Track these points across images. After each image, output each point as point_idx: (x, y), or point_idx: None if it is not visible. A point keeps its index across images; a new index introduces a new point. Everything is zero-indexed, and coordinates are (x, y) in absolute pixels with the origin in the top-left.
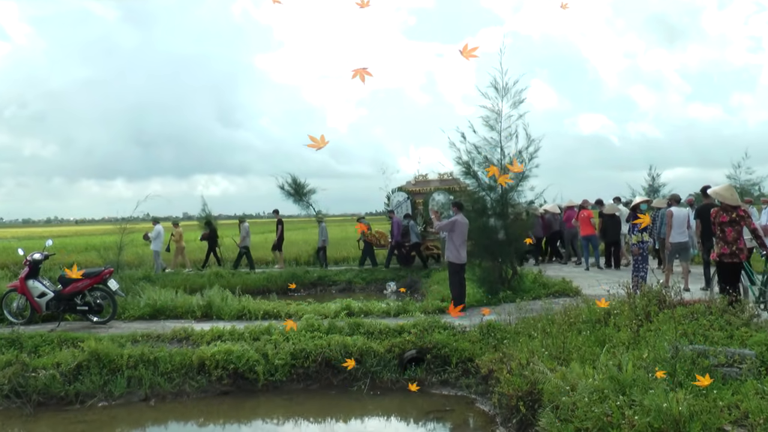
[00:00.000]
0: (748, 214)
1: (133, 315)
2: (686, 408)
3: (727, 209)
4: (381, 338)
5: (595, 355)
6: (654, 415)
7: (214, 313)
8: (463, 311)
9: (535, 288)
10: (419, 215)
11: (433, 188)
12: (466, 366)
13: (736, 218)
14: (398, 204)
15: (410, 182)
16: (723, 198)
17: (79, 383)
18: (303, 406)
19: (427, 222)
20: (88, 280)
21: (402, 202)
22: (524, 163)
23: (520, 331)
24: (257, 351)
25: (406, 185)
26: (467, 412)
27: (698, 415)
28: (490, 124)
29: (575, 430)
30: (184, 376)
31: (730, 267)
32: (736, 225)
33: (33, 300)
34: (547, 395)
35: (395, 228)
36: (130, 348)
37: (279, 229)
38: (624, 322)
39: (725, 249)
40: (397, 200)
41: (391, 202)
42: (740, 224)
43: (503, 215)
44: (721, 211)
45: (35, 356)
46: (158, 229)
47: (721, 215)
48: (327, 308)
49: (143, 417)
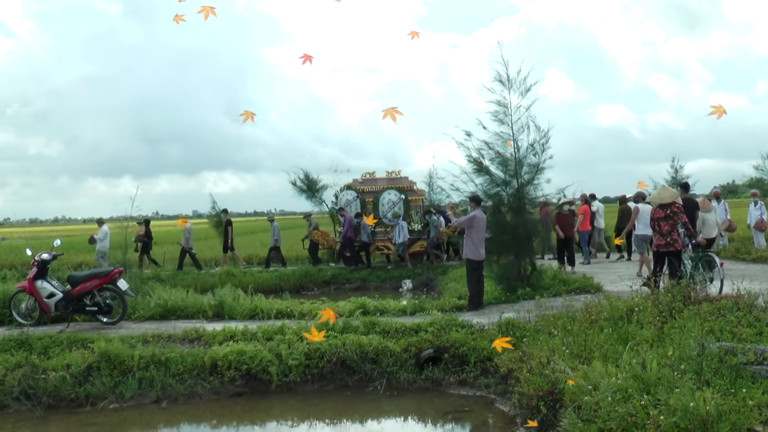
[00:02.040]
0: (681, 210)
1: (144, 315)
2: (714, 407)
3: (663, 206)
4: (397, 337)
5: (618, 354)
6: (680, 414)
7: (226, 312)
8: (482, 308)
9: (555, 285)
10: (368, 214)
11: (381, 186)
12: (484, 365)
13: (670, 213)
14: (347, 202)
15: (358, 180)
16: (661, 199)
17: (89, 385)
18: (318, 408)
19: (377, 221)
20: (98, 280)
21: (351, 201)
22: (537, 156)
23: (540, 329)
24: (270, 351)
25: (354, 183)
26: (486, 413)
27: (727, 414)
28: (499, 119)
29: (598, 431)
30: (196, 377)
31: (665, 255)
32: (670, 219)
33: (42, 301)
34: (569, 395)
35: (346, 225)
36: (140, 349)
37: (228, 231)
38: (647, 319)
39: (661, 240)
40: (346, 198)
41: (340, 201)
42: (674, 219)
43: (520, 210)
44: (658, 208)
45: (45, 358)
46: (104, 230)
47: (657, 212)
48: (341, 307)
49: (155, 419)
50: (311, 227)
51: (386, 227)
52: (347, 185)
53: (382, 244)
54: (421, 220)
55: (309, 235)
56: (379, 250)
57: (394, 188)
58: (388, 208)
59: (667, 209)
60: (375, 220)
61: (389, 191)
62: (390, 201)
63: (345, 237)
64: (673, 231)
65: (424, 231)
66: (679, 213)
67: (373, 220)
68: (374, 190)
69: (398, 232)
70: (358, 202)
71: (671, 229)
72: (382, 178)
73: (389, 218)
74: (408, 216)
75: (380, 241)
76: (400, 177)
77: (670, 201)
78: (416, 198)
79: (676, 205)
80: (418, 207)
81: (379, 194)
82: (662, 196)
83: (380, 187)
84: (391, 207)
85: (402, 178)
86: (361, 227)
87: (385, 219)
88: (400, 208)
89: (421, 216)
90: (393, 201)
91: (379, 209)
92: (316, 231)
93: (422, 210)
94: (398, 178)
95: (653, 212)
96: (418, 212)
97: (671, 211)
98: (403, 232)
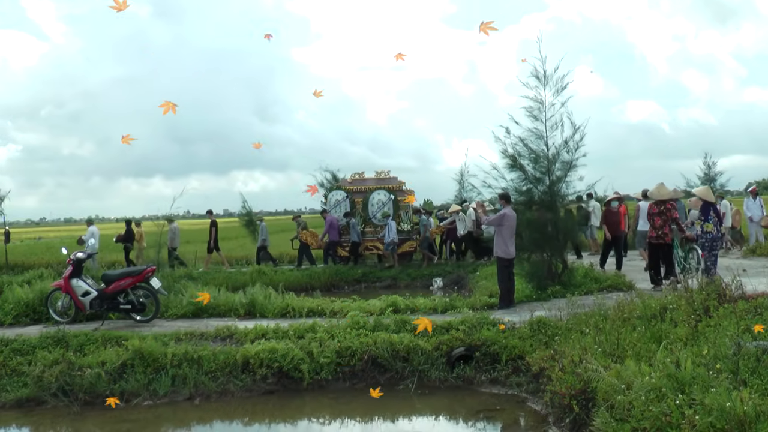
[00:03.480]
0: (674, 207)
1: (176, 313)
2: (752, 408)
3: (658, 203)
4: (428, 336)
5: (651, 352)
6: (716, 414)
7: (258, 311)
8: (513, 306)
9: (587, 282)
10: (358, 214)
11: (370, 187)
12: (516, 364)
13: (664, 210)
14: (336, 203)
15: (347, 180)
16: (659, 195)
17: (123, 382)
18: (349, 406)
19: (365, 221)
20: (131, 278)
21: (341, 201)
22: (571, 153)
23: (572, 327)
24: (302, 349)
25: (343, 183)
26: (518, 411)
27: (765, 415)
28: (533, 115)
29: (632, 430)
30: (229, 375)
31: (657, 247)
32: (664, 215)
33: (77, 299)
34: (602, 394)
35: (327, 227)
36: (173, 347)
37: (212, 231)
38: (681, 318)
39: (653, 233)
40: (335, 199)
41: (329, 201)
42: (667, 215)
43: (552, 207)
44: (653, 204)
45: (81, 355)
46: (91, 230)
47: (652, 207)
48: (372, 305)
49: (188, 416)
50: (300, 227)
51: (375, 227)
52: (337, 185)
53: (371, 244)
54: (410, 221)
55: (298, 235)
56: (369, 250)
57: (383, 188)
58: (377, 208)
59: (662, 206)
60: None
61: (379, 191)
62: (379, 201)
63: (330, 239)
64: (666, 226)
65: (413, 231)
66: (672, 210)
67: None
68: (363, 190)
69: (387, 232)
70: (347, 202)
71: (663, 224)
72: (372, 178)
73: (378, 218)
74: (397, 216)
75: (370, 241)
76: (390, 177)
77: (667, 198)
78: (405, 198)
79: (670, 203)
80: (407, 207)
81: (369, 194)
82: (660, 193)
83: (369, 188)
84: (381, 207)
85: (391, 179)
86: (351, 227)
87: (375, 219)
88: (390, 209)
89: (410, 216)
90: (382, 201)
91: (368, 209)
92: (305, 231)
93: (411, 210)
94: (387, 178)
95: (649, 207)
96: (407, 212)
97: (665, 208)
98: (392, 232)
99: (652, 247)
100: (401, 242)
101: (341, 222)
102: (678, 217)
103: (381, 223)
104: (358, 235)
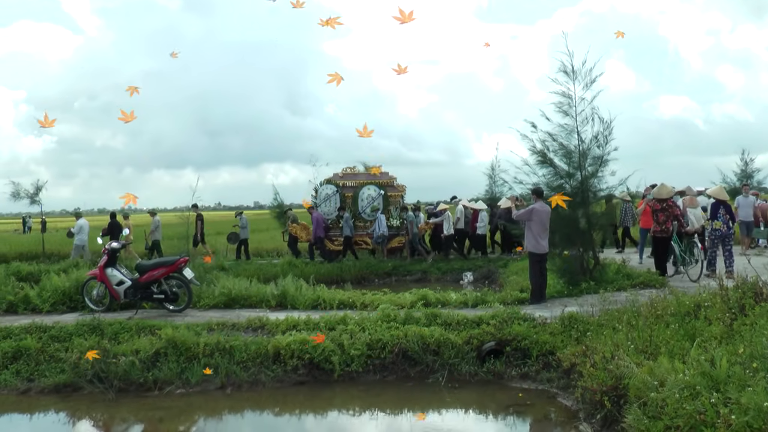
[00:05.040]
0: (675, 204)
1: (208, 304)
2: None
3: (660, 200)
4: (459, 329)
5: (685, 350)
6: (753, 414)
7: (289, 302)
8: (544, 302)
9: (619, 279)
10: (348, 208)
11: (361, 181)
12: (546, 359)
13: (666, 207)
14: (327, 197)
15: (338, 175)
16: (659, 194)
17: (157, 370)
18: (379, 398)
19: (355, 216)
20: (164, 268)
21: (331, 195)
22: (601, 147)
23: (604, 323)
24: (333, 341)
25: (334, 178)
26: (548, 407)
27: None
28: (563, 110)
29: (665, 428)
30: (260, 365)
31: (660, 240)
32: (666, 212)
33: (112, 288)
34: (634, 391)
35: (314, 223)
36: (205, 336)
37: (198, 225)
38: (716, 315)
39: (657, 228)
40: (325, 193)
41: (319, 195)
42: (669, 211)
43: (584, 203)
44: (656, 202)
45: (115, 343)
46: (80, 224)
47: (655, 204)
48: (403, 298)
49: (220, 405)
50: (290, 221)
51: (365, 222)
52: (327, 179)
53: (360, 239)
54: (399, 216)
55: (287, 228)
56: (357, 245)
57: (373, 183)
58: (367, 203)
59: (663, 203)
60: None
61: (369, 186)
62: (369, 196)
63: (314, 235)
64: (668, 221)
65: (402, 227)
66: (674, 207)
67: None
68: (354, 185)
69: (377, 226)
70: (337, 197)
71: (666, 219)
72: (362, 173)
73: (368, 213)
74: (387, 211)
75: (359, 236)
76: (380, 172)
77: (667, 197)
78: (396, 194)
79: (671, 200)
80: (398, 203)
81: (359, 189)
82: (661, 192)
83: (360, 182)
84: (371, 202)
85: (382, 174)
86: (344, 221)
87: (364, 214)
88: (380, 203)
89: (399, 212)
90: (372, 196)
91: (358, 204)
92: (295, 224)
93: (400, 206)
94: (378, 173)
95: (653, 204)
96: (397, 208)
97: (667, 205)
98: (383, 226)
99: (656, 240)
100: (390, 237)
101: (331, 216)
102: (679, 213)
103: (370, 218)
104: (351, 230)
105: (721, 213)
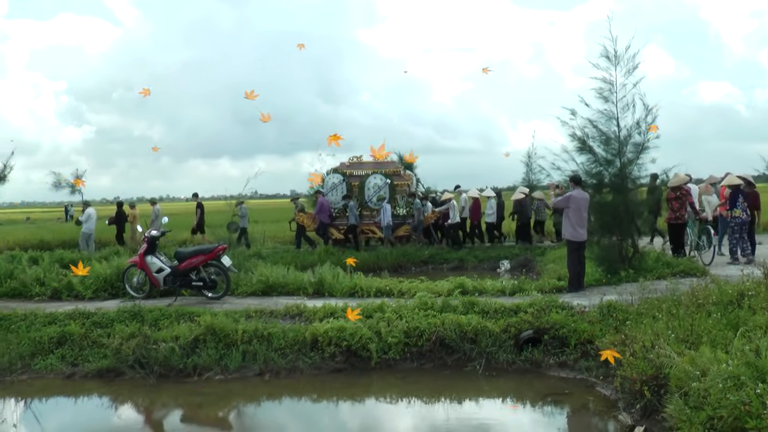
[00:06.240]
0: (689, 192)
1: (246, 291)
2: None
3: (674, 189)
4: (496, 318)
5: (728, 340)
6: None
7: (326, 290)
8: (582, 290)
9: (659, 267)
10: (354, 197)
11: (368, 170)
12: (585, 348)
13: (680, 195)
14: (333, 186)
15: (344, 164)
16: (672, 183)
17: (196, 356)
18: (417, 385)
19: (361, 205)
20: (203, 256)
21: (337, 184)
22: (642, 134)
23: (643, 312)
24: (370, 329)
25: (341, 167)
26: (587, 396)
27: None
28: (604, 96)
29: (707, 419)
30: (298, 352)
31: (675, 226)
32: (680, 200)
33: (151, 275)
34: (675, 380)
35: (319, 209)
36: (244, 323)
37: (198, 213)
38: (760, 305)
39: (671, 215)
40: (332, 182)
41: (326, 184)
42: (682, 199)
43: (623, 190)
44: (670, 190)
45: (155, 329)
46: (88, 212)
47: (669, 192)
48: (440, 286)
49: (258, 391)
50: (297, 210)
51: (372, 211)
52: (334, 168)
53: (367, 227)
54: (406, 205)
55: (295, 217)
56: (364, 234)
57: (380, 172)
58: (373, 192)
59: (677, 191)
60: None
61: (375, 175)
62: (375, 185)
63: (318, 221)
64: (682, 208)
65: (408, 216)
66: (687, 195)
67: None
68: (361, 174)
69: (383, 215)
70: (344, 186)
71: (680, 206)
72: (369, 162)
73: (374, 202)
74: (393, 200)
75: (366, 225)
76: (387, 161)
77: (679, 185)
78: (402, 183)
79: (685, 189)
80: (404, 192)
81: (365, 178)
82: (674, 181)
83: (367, 171)
84: (377, 191)
85: (389, 163)
86: (349, 209)
87: (370, 203)
88: (386, 192)
89: (406, 200)
90: (378, 185)
91: (364, 193)
92: (302, 213)
93: (407, 194)
94: (385, 162)
95: (668, 193)
96: (404, 197)
97: (680, 193)
98: (387, 215)
99: (671, 227)
100: (396, 226)
101: (338, 205)
102: (693, 201)
103: (377, 206)
104: (356, 218)
105: (740, 201)
